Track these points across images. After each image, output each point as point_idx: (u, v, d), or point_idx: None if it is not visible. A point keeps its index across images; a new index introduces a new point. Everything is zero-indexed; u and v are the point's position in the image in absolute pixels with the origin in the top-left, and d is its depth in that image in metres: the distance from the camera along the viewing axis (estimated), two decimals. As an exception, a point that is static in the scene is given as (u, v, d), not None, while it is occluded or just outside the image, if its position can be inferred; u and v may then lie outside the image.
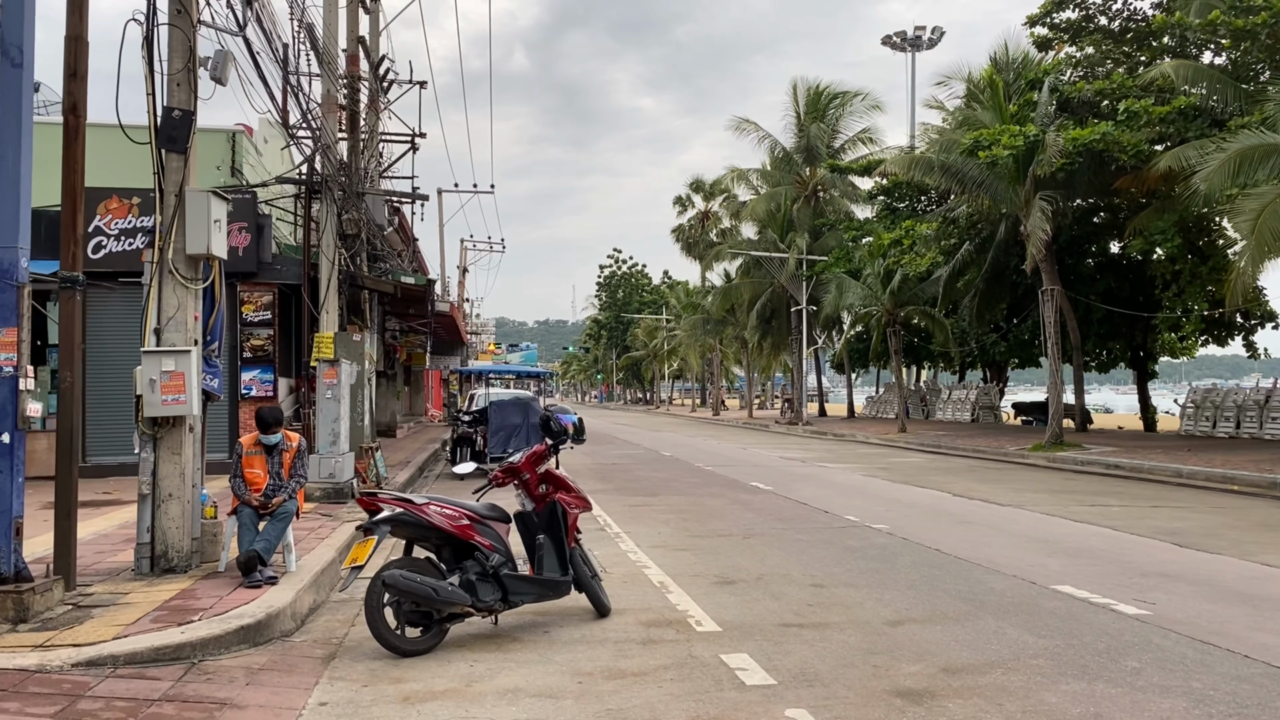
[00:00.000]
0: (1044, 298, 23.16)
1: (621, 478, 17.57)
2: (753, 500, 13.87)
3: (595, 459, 22.38)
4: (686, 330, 55.97)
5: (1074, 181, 22.13)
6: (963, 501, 13.75)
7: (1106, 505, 13.32)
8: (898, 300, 31.35)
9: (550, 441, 6.94)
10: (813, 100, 45.56)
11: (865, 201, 45.48)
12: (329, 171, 15.79)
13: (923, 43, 58.28)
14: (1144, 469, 18.58)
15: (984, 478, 17.72)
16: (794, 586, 7.75)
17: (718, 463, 21.11)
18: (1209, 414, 25.87)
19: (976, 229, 27.45)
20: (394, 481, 14.76)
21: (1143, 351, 31.52)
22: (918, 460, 22.38)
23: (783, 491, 14.95)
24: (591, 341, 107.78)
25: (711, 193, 73.53)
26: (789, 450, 25.82)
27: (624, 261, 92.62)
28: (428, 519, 5.83)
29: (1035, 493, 14.93)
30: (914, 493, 14.96)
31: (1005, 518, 11.99)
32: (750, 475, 17.83)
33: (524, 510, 6.66)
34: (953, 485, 16.04)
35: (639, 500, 13.95)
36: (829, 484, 16.36)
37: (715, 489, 15.54)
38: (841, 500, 13.81)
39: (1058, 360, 23.30)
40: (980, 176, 23.00)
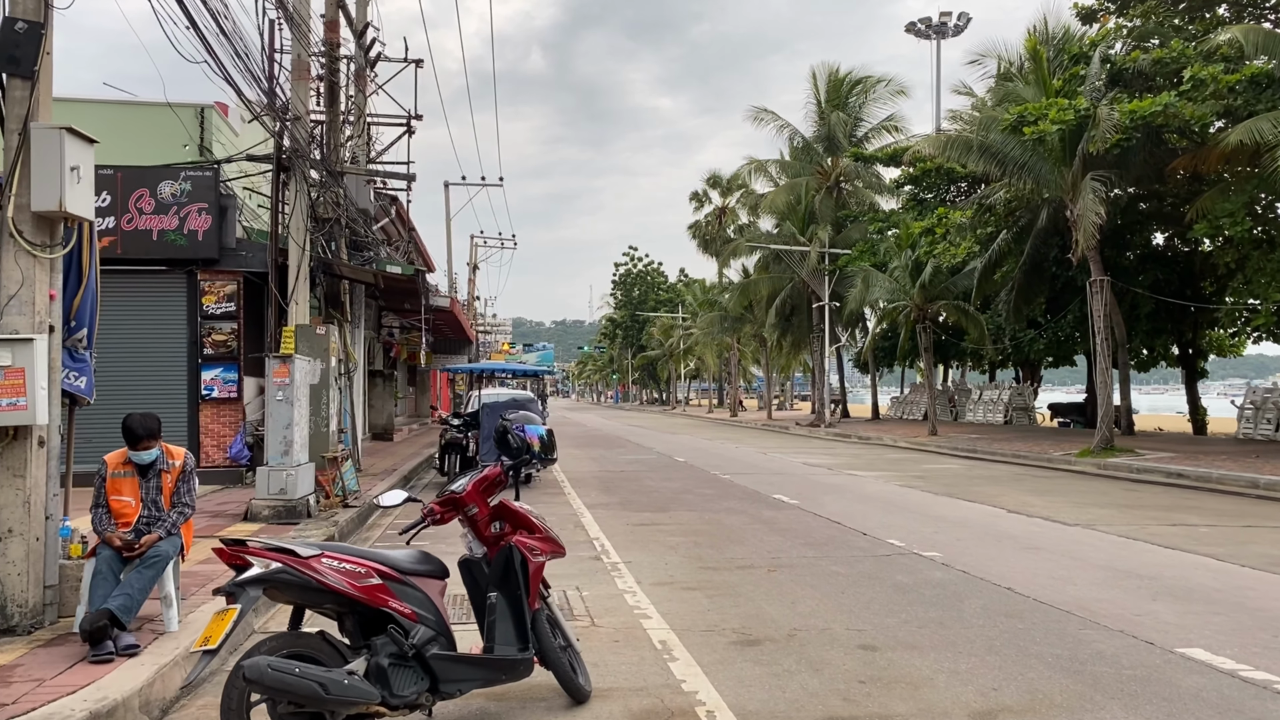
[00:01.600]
0: (1092, 289, 21.16)
1: (628, 488, 15.75)
2: (777, 518, 12.01)
3: (602, 465, 20.56)
4: (703, 328, 54.06)
5: (1127, 161, 20.15)
6: (1021, 520, 11.85)
7: (1190, 525, 11.39)
8: (928, 294, 29.36)
9: (507, 462, 5.13)
10: (834, 87, 43.56)
11: (890, 193, 43.55)
12: (298, 146, 14.05)
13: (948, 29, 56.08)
14: (1212, 478, 16.61)
15: (1035, 488, 15.80)
16: (838, 650, 5.90)
17: (736, 470, 19.26)
18: (1271, 415, 23.78)
19: (1015, 216, 25.45)
20: (368, 496, 12.99)
21: (1192, 349, 29.41)
22: (954, 467, 20.44)
23: (811, 506, 13.09)
24: (607, 341, 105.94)
25: (729, 188, 71.55)
26: (813, 455, 23.92)
27: (640, 259, 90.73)
28: (318, 578, 4.03)
29: (1100, 508, 13.00)
30: (961, 508, 13.07)
31: (1077, 541, 10.09)
32: (772, 485, 15.98)
33: (471, 558, 4.85)
34: (1003, 498, 14.13)
35: (646, 518, 12.13)
36: (862, 497, 14.48)
37: (733, 502, 13.69)
38: (880, 518, 11.93)
39: (1107, 358, 21.29)
40: (1022, 157, 21.03)
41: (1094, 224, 18.64)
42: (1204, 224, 18.84)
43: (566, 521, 11.71)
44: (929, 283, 28.88)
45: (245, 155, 15.02)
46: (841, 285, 40.19)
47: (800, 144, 44.98)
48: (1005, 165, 21.22)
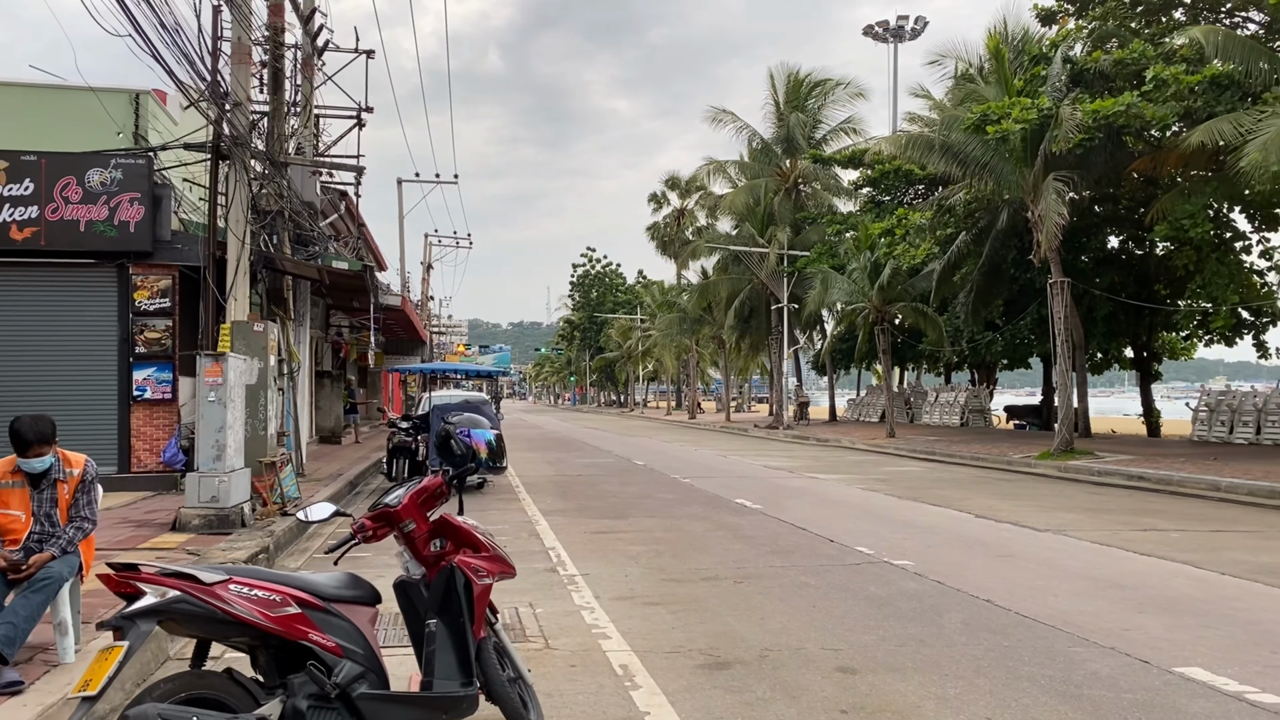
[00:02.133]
0: (1053, 291, 21.06)
1: (586, 494, 15.20)
2: (741, 524, 11.55)
3: (558, 469, 19.99)
4: (662, 330, 53.65)
5: (1088, 163, 20.07)
6: (989, 525, 11.51)
7: (1161, 530, 11.14)
8: (886, 296, 29.19)
9: (449, 471, 4.56)
10: (793, 88, 43.39)
11: (848, 195, 43.48)
12: (238, 133, 13.31)
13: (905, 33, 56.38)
14: (1174, 481, 16.49)
15: (999, 492, 15.54)
16: (814, 673, 5.42)
17: (696, 473, 18.80)
18: (1225, 418, 23.88)
19: (974, 218, 25.33)
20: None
21: (1146, 352, 29.58)
22: (916, 470, 20.19)
23: (775, 511, 12.65)
24: (564, 343, 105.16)
25: (687, 190, 71.19)
26: (773, 458, 23.56)
27: (598, 261, 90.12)
28: (223, 607, 3.45)
29: (1068, 512, 12.73)
30: (928, 513, 12.71)
31: (1051, 548, 9.75)
32: (734, 489, 15.53)
33: (408, 579, 4.28)
34: (968, 502, 13.82)
35: (604, 525, 11.59)
36: (826, 501, 14.08)
37: (695, 508, 13.21)
38: (846, 524, 11.52)
39: (1068, 360, 21.19)
40: (984, 157, 20.88)
41: (1057, 224, 18.49)
42: (1165, 225, 18.78)
43: (520, 529, 11.14)
44: (887, 284, 28.72)
45: (181, 143, 14.22)
46: (800, 287, 40.00)
47: (759, 145, 44.77)
48: (966, 165, 21.05)
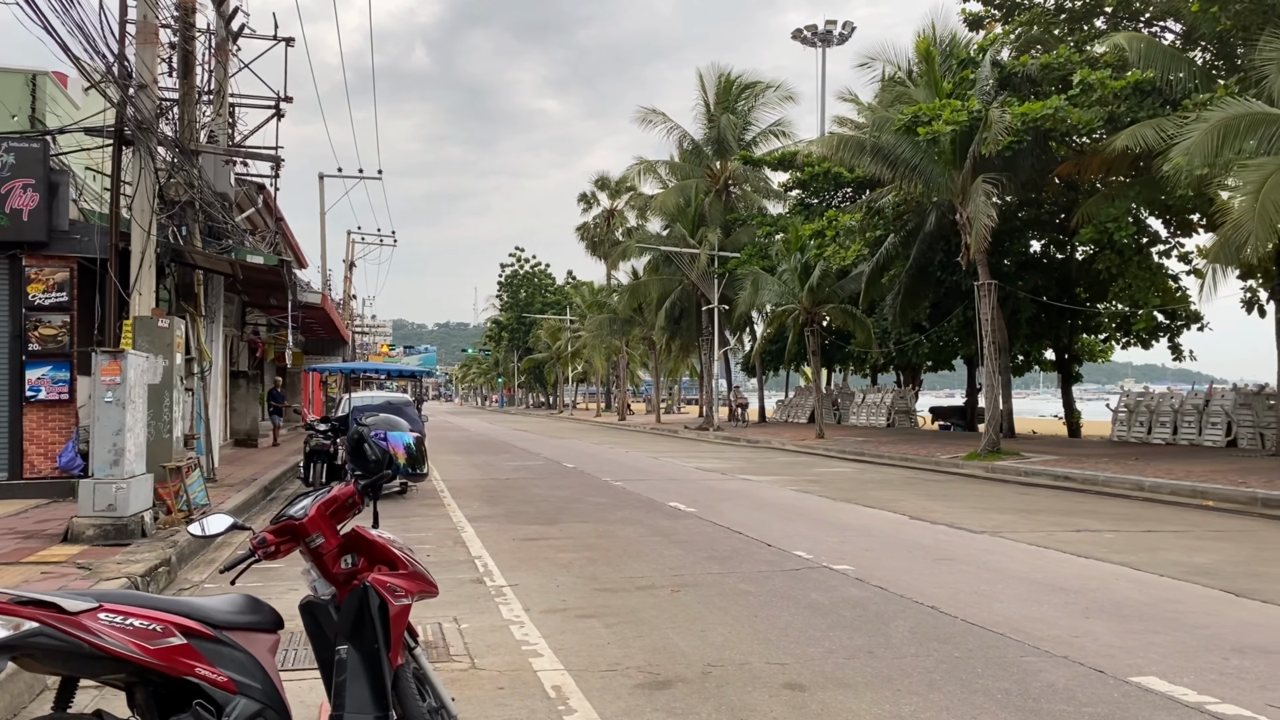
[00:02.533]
0: (980, 293, 21.25)
1: (514, 498, 14.71)
2: (675, 528, 11.21)
3: (485, 473, 19.42)
4: (592, 331, 53.18)
5: (1015, 166, 20.30)
6: (925, 527, 11.38)
7: (1094, 531, 11.13)
8: (816, 297, 29.26)
9: (362, 482, 4.09)
10: (723, 90, 43.44)
11: (778, 197, 43.68)
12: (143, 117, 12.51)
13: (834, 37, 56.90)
14: (1099, 481, 16.70)
15: (930, 493, 15.51)
16: (761, 690, 5.08)
17: (628, 476, 18.43)
18: (1143, 419, 24.45)
19: (903, 220, 25.51)
20: (220, 509, 11.57)
21: (1067, 354, 30.20)
22: (846, 471, 20.15)
23: (709, 515, 12.35)
24: (492, 343, 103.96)
25: (617, 190, 70.88)
26: (704, 460, 23.34)
27: (526, 261, 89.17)
28: (91, 640, 2.94)
29: (1001, 513, 12.70)
30: (862, 515, 12.55)
31: (989, 551, 9.62)
32: (667, 493, 15.20)
33: (316, 600, 3.80)
34: (902, 504, 13.72)
35: (534, 531, 11.13)
36: (760, 503, 13.83)
37: (628, 511, 12.83)
38: (782, 527, 11.27)
39: (995, 361, 21.42)
40: (914, 159, 20.98)
41: (986, 226, 18.62)
42: (1090, 229, 19.06)
43: (445, 537, 10.63)
44: (817, 286, 28.78)
45: (81, 126, 13.33)
46: (731, 288, 39.98)
47: (690, 146, 44.71)
48: (897, 167, 21.11)
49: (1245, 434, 21.92)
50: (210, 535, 3.82)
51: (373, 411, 14.76)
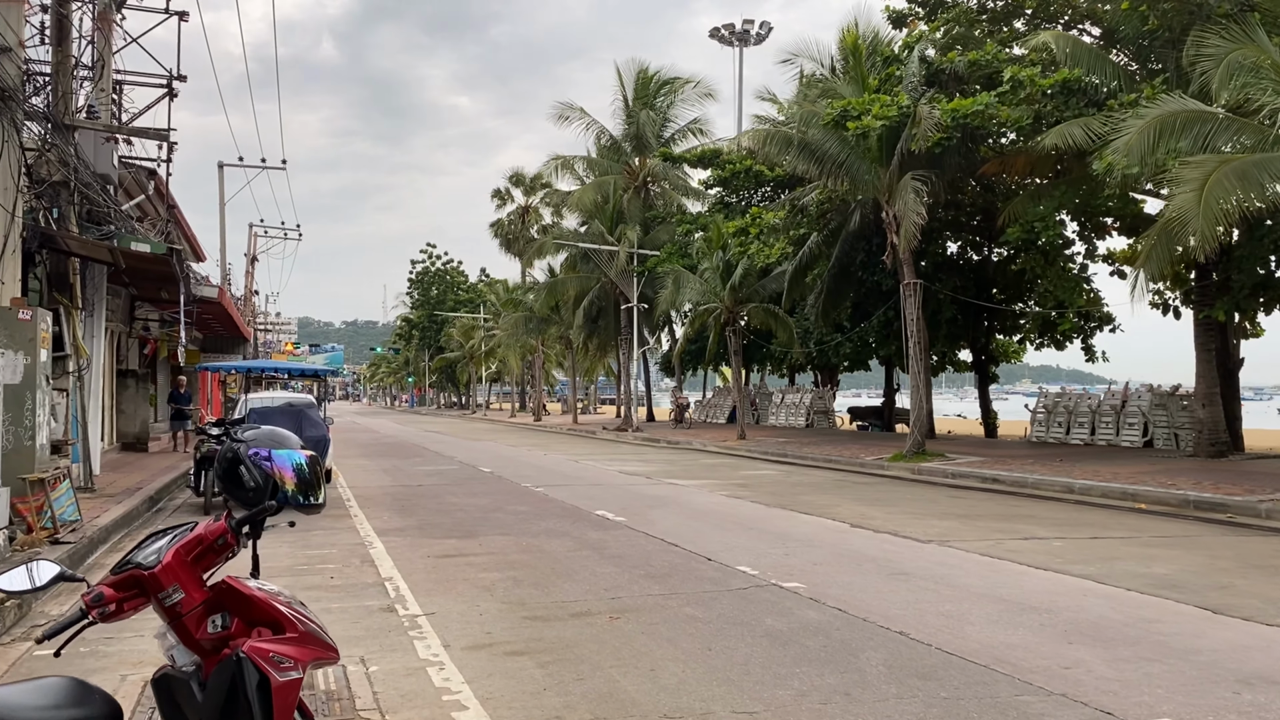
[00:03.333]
0: (906, 292, 21.01)
1: (428, 507, 13.66)
2: (606, 540, 10.37)
3: (396, 479, 18.25)
4: (507, 330, 51.91)
5: (942, 164, 20.06)
6: (869, 537, 10.80)
7: (1041, 539, 10.71)
8: (738, 296, 28.77)
9: (237, 516, 3.13)
10: (642, 85, 42.80)
11: (697, 196, 43.23)
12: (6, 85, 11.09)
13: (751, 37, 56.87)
14: (1029, 483, 16.50)
15: (863, 497, 15.03)
16: (733, 751, 4.29)
17: (549, 481, 17.52)
18: (1061, 419, 24.62)
19: (826, 218, 25.18)
20: (93, 526, 10.27)
21: (984, 355, 30.39)
22: (772, 474, 19.62)
23: (641, 525, 11.55)
24: (402, 342, 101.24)
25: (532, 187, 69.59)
26: (627, 462, 22.55)
27: (438, 257, 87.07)
28: None
29: (941, 519, 12.24)
30: (800, 523, 11.92)
31: (942, 563, 9.06)
32: (593, 499, 14.35)
33: (174, 673, 2.85)
34: (839, 510, 13.16)
35: (451, 546, 10.16)
36: (692, 511, 13.10)
37: (552, 521, 11.94)
38: (720, 537, 10.55)
39: (920, 361, 21.19)
40: (840, 154, 20.60)
41: (915, 224, 18.29)
42: (1017, 228, 18.92)
43: (352, 555, 9.58)
44: (739, 285, 28.29)
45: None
46: (651, 287, 39.34)
47: (609, 142, 43.94)
48: (823, 163, 20.70)
49: (1160, 434, 22.18)
50: (23, 591, 2.84)
51: (272, 413, 13.57)
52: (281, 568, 8.80)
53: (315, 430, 13.42)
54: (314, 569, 8.80)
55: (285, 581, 7.73)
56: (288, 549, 9.86)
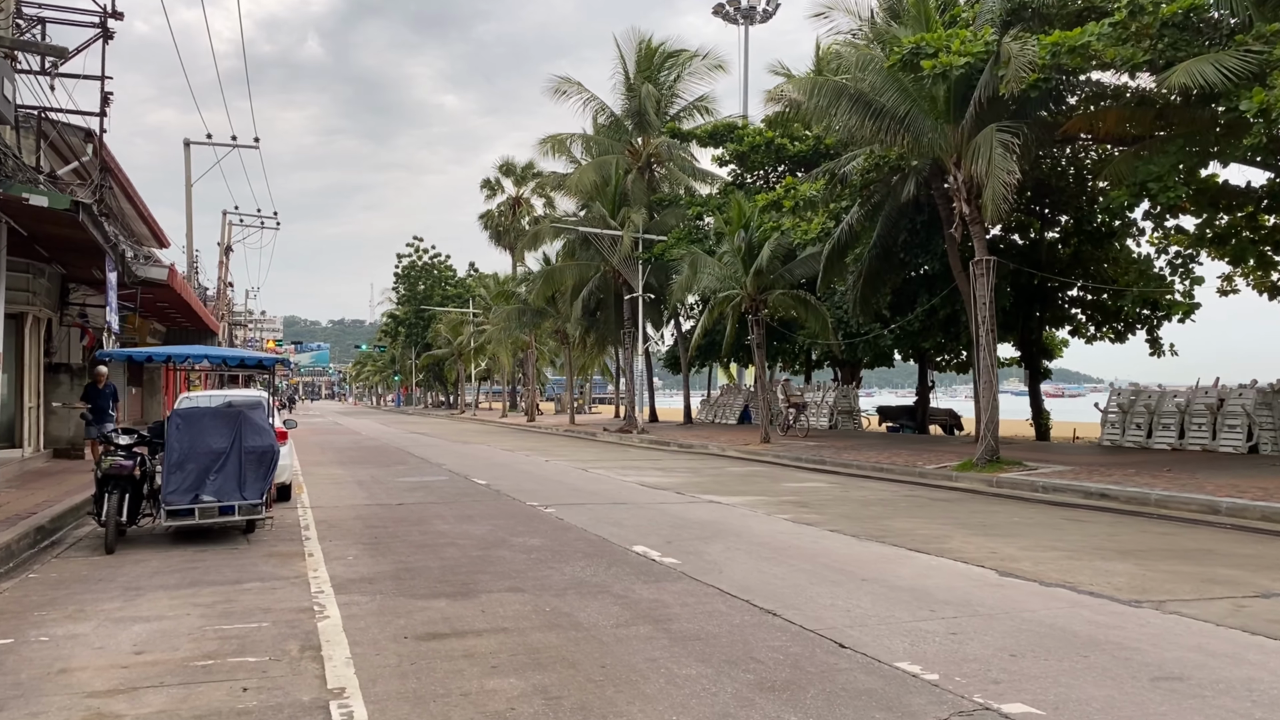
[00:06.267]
0: (977, 271, 17.81)
1: (409, 540, 10.35)
2: (666, 603, 7.11)
3: (372, 495, 14.92)
4: (499, 324, 48.51)
5: (1026, 115, 16.89)
6: (1039, 593, 7.56)
7: (1240, 588, 7.51)
8: (762, 282, 25.50)
9: None
10: (645, 58, 39.41)
11: (705, 178, 39.99)
12: None
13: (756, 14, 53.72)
14: (1151, 500, 13.39)
15: (963, 520, 11.83)
16: None
17: (560, 498, 14.24)
18: (1141, 420, 21.47)
19: (869, 190, 21.95)
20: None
21: (1035, 348, 27.26)
22: (824, 487, 16.40)
23: (703, 572, 8.29)
24: (388, 339, 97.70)
25: (523, 177, 66.31)
26: (644, 471, 19.29)
27: (425, 251, 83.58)
28: None
29: (1100, 558, 9.02)
30: (921, 567, 8.68)
31: (1201, 648, 5.84)
32: (622, 526, 11.09)
33: None
34: (951, 544, 9.94)
35: (438, 615, 6.87)
36: (762, 546, 9.83)
37: (579, 565, 8.67)
38: (829, 596, 7.30)
39: (992, 354, 18.01)
40: (900, 108, 17.40)
41: (1005, 185, 15.06)
42: (1123, 191, 15.72)
43: (290, 633, 6.29)
44: (765, 268, 25.02)
45: None
46: (656, 275, 36.09)
47: (609, 120, 40.58)
48: (880, 119, 17.48)
49: (1266, 437, 19.07)
50: None
51: (200, 417, 10.20)
52: (174, 662, 5.54)
53: (258, 439, 10.10)
54: (222, 665, 5.52)
55: (167, 698, 4.52)
56: (198, 618, 6.60)
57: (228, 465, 9.89)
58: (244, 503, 9.93)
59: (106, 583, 8.00)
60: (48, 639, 6.18)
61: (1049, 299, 27.00)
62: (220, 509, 9.82)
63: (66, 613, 6.90)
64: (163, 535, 10.44)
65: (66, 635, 6.27)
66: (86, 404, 16.58)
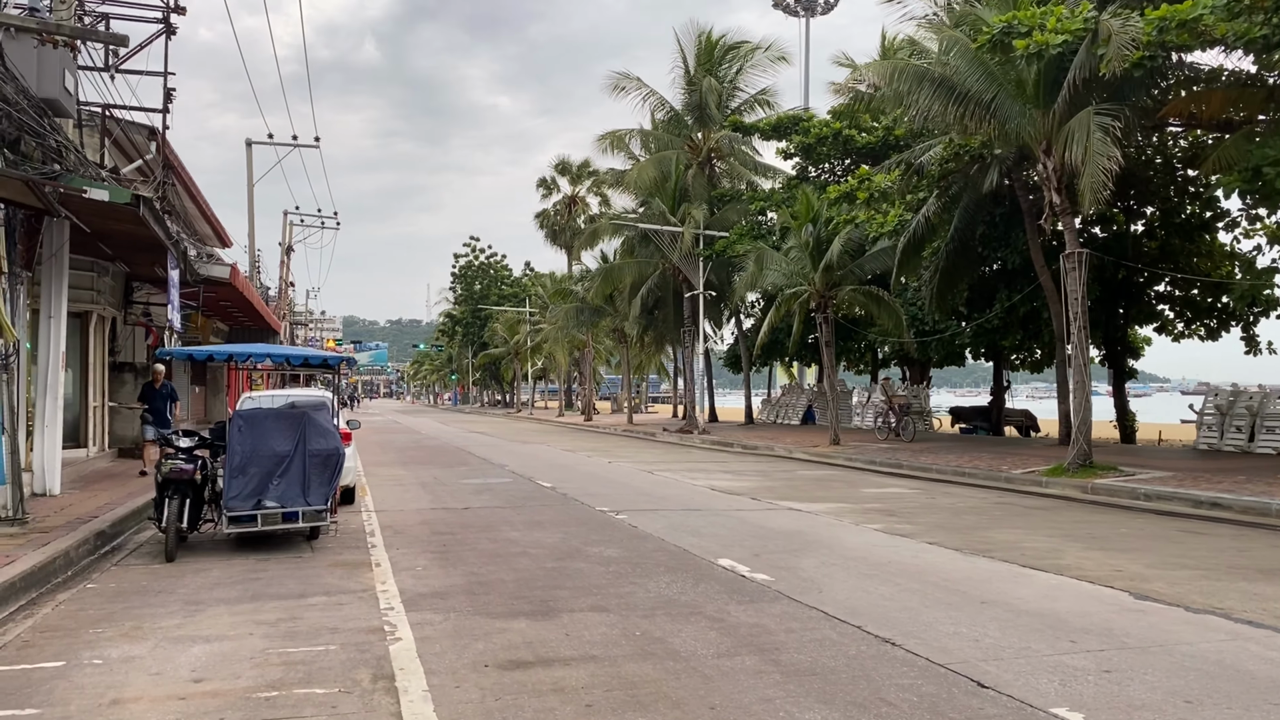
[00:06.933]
0: (1068, 264, 16.81)
1: (479, 549, 9.78)
2: (769, 628, 6.42)
3: (437, 499, 14.43)
4: (556, 322, 48.10)
5: (1123, 97, 15.85)
6: (1192, 623, 6.71)
7: None
8: (831, 278, 24.60)
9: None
10: (704, 51, 38.65)
11: (766, 173, 39.11)
12: None
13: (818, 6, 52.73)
14: (1272, 510, 12.31)
15: (1069, 531, 10.94)
16: None
17: (629, 502, 13.61)
18: (1242, 422, 20.19)
19: (947, 180, 20.97)
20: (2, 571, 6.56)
21: (1120, 346, 25.96)
22: (908, 493, 15.53)
23: (800, 591, 7.58)
24: (445, 338, 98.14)
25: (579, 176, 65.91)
26: (711, 474, 18.58)
27: (482, 251, 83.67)
28: None
29: (1242, 578, 8.10)
30: (1043, 587, 7.85)
31: None
32: (701, 535, 10.42)
33: None
34: (1065, 559, 9.09)
35: (518, 638, 6.26)
36: (858, 560, 9.07)
37: (663, 580, 8.02)
38: (949, 622, 6.54)
39: (1085, 351, 16.97)
40: (985, 92, 16.45)
41: (1105, 171, 14.06)
42: (1234, 177, 14.62)
43: (360, 658, 5.72)
44: (836, 263, 24.12)
45: None
46: (717, 272, 35.33)
47: (668, 115, 39.87)
48: (965, 104, 16.55)
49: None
50: None
51: (263, 419, 9.74)
52: (235, 693, 4.99)
53: (323, 441, 9.63)
54: (287, 698, 4.96)
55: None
56: (261, 638, 6.07)
57: (291, 469, 9.42)
58: (308, 509, 9.45)
59: (166, 595, 7.54)
60: (101, 662, 5.70)
61: (1135, 295, 25.69)
62: (284, 515, 9.36)
63: (123, 630, 6.43)
64: (224, 541, 10.02)
65: (121, 658, 5.78)
66: (143, 404, 16.18)
